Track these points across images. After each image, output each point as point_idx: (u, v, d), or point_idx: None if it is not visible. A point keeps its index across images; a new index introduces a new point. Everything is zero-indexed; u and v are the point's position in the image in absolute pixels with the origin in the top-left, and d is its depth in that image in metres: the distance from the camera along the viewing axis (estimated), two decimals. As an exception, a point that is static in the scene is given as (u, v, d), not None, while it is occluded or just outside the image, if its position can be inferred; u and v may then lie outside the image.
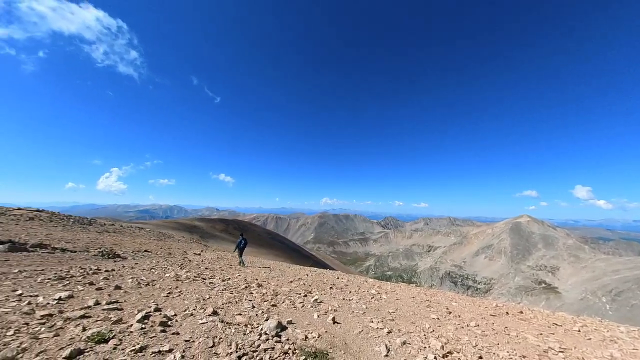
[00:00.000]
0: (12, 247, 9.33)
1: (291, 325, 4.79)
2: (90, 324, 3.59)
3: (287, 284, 9.32)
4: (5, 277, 5.73)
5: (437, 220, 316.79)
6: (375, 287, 10.96)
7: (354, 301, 7.54)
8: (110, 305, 4.49)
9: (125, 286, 6.03)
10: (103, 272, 7.35)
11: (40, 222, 18.76)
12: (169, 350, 3.12)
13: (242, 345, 3.54)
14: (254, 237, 67.31)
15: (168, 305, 4.97)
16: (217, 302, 5.64)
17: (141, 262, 10.39)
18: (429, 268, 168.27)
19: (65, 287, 5.38)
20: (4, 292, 4.61)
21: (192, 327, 3.96)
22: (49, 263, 8.07)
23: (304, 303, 6.56)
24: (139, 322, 3.77)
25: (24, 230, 14.56)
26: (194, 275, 8.52)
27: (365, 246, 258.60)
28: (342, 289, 9.58)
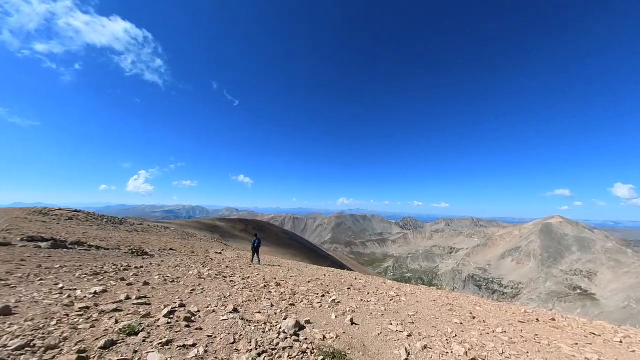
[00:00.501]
0: (54, 244, 10.18)
1: (309, 324, 4.82)
2: (121, 317, 3.83)
3: (304, 283, 9.39)
4: (49, 271, 6.27)
5: (458, 220, 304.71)
6: (394, 288, 10.74)
7: (372, 302, 7.44)
8: (139, 299, 4.77)
9: (152, 282, 6.37)
10: (133, 269, 7.82)
11: (77, 222, 20.32)
12: (193, 345, 3.26)
13: (262, 343, 3.61)
14: (271, 236, 68.49)
15: (191, 302, 5.18)
16: (237, 299, 5.81)
17: (166, 260, 10.93)
18: (450, 270, 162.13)
19: (100, 282, 5.78)
20: (48, 285, 5.05)
21: (214, 323, 4.10)
22: (85, 259, 8.72)
23: (321, 303, 6.57)
24: (165, 316, 3.98)
25: (63, 228, 15.85)
26: (215, 273, 8.83)
27: (383, 247, 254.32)
28: (359, 289, 9.49)
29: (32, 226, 14.28)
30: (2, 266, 6.30)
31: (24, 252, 8.40)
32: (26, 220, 15.94)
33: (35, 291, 4.57)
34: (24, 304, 3.91)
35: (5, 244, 9.07)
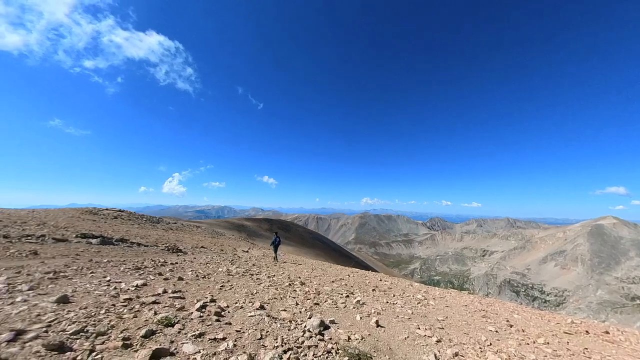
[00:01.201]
0: (103, 240, 11.28)
1: (334, 324, 4.82)
2: (160, 309, 4.13)
3: (329, 283, 9.40)
4: (98, 265, 6.96)
5: (492, 221, 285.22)
6: (422, 291, 10.34)
7: (399, 305, 7.23)
8: (175, 294, 5.11)
9: (186, 278, 6.79)
10: (169, 265, 8.40)
11: (121, 221, 22.31)
12: (223, 339, 3.42)
13: (287, 340, 3.68)
14: (296, 236, 69.54)
15: (221, 297, 5.44)
16: (263, 297, 5.98)
17: (198, 257, 11.58)
18: (484, 274, 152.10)
19: (141, 276, 6.29)
20: (98, 278, 5.60)
21: (243, 319, 4.26)
22: (128, 255, 9.54)
23: (346, 304, 6.53)
24: (198, 310, 4.22)
25: (110, 227, 17.50)
26: (243, 271, 9.17)
27: (409, 248, 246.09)
28: (385, 291, 9.28)
29: (84, 224, 15.96)
30: (61, 260, 7.12)
31: (78, 247, 9.41)
32: (80, 219, 17.85)
33: (87, 283, 5.10)
34: (79, 294, 4.38)
35: (63, 240, 10.24)
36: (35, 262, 6.60)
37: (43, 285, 4.67)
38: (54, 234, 10.86)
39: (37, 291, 4.30)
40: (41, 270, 5.64)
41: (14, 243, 8.57)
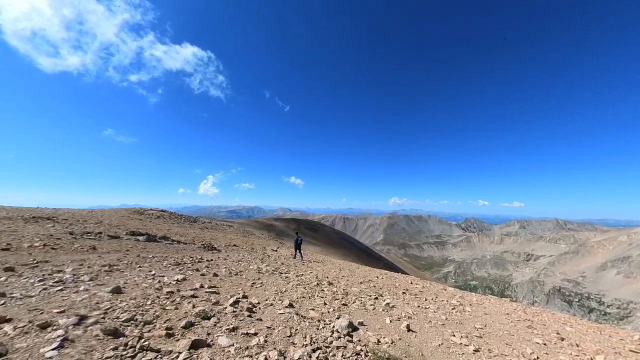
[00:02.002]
0: (148, 238, 12.38)
1: (362, 326, 4.75)
2: (197, 302, 4.43)
3: (357, 284, 9.29)
4: (145, 260, 7.66)
5: (538, 222, 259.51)
6: (457, 297, 9.76)
7: (431, 310, 6.90)
8: (210, 289, 5.44)
9: (220, 274, 7.18)
10: (205, 261, 8.96)
11: (163, 220, 24.31)
12: (255, 334, 3.55)
13: (316, 340, 3.71)
14: (323, 236, 69.85)
15: (253, 294, 5.66)
16: (292, 295, 6.10)
17: (231, 255, 12.19)
18: (528, 281, 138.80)
19: (181, 271, 6.80)
20: (144, 272, 6.17)
21: (273, 316, 4.40)
22: (170, 251, 10.37)
23: (375, 306, 6.41)
24: (231, 305, 4.44)
25: (154, 225, 19.16)
26: (272, 269, 9.45)
27: (442, 250, 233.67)
28: (416, 295, 8.92)
29: (133, 223, 17.68)
30: (115, 255, 7.98)
31: (128, 244, 10.46)
32: (129, 219, 19.82)
33: (136, 276, 5.64)
34: (129, 285, 4.86)
35: (116, 237, 11.46)
36: (94, 256, 7.48)
37: (100, 276, 5.27)
38: (109, 232, 12.19)
39: (96, 282, 4.86)
40: (99, 263, 6.37)
41: (77, 239, 9.79)
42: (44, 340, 2.58)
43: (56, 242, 8.58)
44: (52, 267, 5.59)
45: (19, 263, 5.57)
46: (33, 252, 7.01)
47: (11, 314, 3.10)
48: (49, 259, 6.32)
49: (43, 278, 4.69)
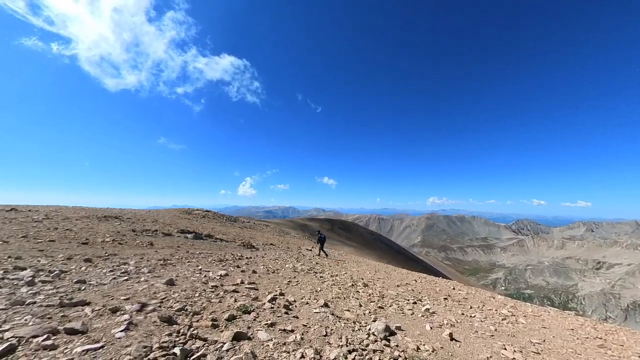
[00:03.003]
0: (195, 236, 13.53)
1: (400, 331, 4.57)
2: (238, 297, 4.71)
3: (393, 287, 8.98)
4: (192, 256, 8.38)
5: (610, 225, 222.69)
6: (508, 306, 8.84)
7: (477, 319, 6.36)
8: (250, 285, 5.74)
9: (259, 271, 7.54)
10: (245, 259, 9.49)
11: (208, 219, 26.36)
12: (292, 331, 3.65)
13: (352, 341, 3.68)
14: (357, 236, 68.97)
15: (289, 292, 5.83)
16: (327, 295, 6.13)
17: (268, 253, 12.72)
18: (599, 293, 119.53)
19: (223, 267, 7.30)
20: (192, 266, 6.76)
21: (308, 315, 4.47)
22: (214, 249, 11.19)
23: (413, 311, 6.12)
24: (269, 302, 4.64)
25: (200, 224, 20.88)
26: (307, 268, 9.62)
27: (489, 254, 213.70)
28: (459, 302, 8.30)
29: (182, 222, 19.51)
30: (168, 250, 8.88)
31: (179, 241, 11.56)
32: (179, 218, 21.91)
33: (186, 270, 6.21)
34: (180, 278, 5.37)
35: (169, 235, 12.75)
36: (151, 251, 8.42)
37: (157, 269, 5.92)
38: (163, 230, 13.63)
39: (154, 274, 5.46)
40: (155, 257, 7.16)
41: (138, 235, 11.12)
42: (114, 323, 2.98)
43: (122, 238, 9.87)
44: (119, 259, 6.44)
45: (94, 255, 6.53)
46: (105, 246, 8.16)
47: (89, 298, 3.65)
48: (117, 253, 7.29)
49: (112, 269, 5.43)
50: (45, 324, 2.74)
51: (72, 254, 6.40)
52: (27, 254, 5.88)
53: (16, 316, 2.86)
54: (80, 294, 3.81)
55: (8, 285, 3.80)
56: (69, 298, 3.52)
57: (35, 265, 5.02)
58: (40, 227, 9.48)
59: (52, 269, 4.83)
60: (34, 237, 7.93)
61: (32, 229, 8.87)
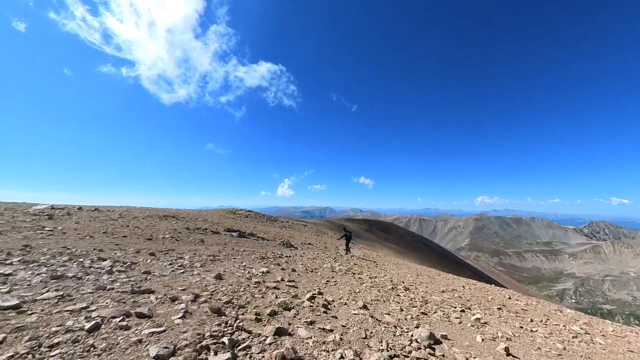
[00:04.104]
0: (239, 234, 14.47)
1: (446, 340, 4.26)
2: (279, 294, 4.90)
3: (438, 293, 8.43)
4: (237, 253, 8.98)
5: None
6: (581, 322, 7.60)
7: (540, 335, 5.60)
8: (290, 283, 5.93)
9: (297, 270, 7.75)
10: (284, 257, 9.84)
11: (250, 219, 27.98)
12: (331, 330, 3.67)
13: (393, 346, 3.55)
14: (396, 238, 66.39)
15: (327, 292, 5.87)
16: (366, 297, 6.02)
17: (307, 253, 12.98)
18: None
19: (265, 265, 7.67)
20: (237, 263, 7.24)
21: (347, 315, 4.45)
22: (256, 247, 11.84)
23: (461, 319, 5.65)
24: (308, 300, 4.73)
25: (243, 224, 22.27)
26: (345, 269, 9.57)
27: (554, 261, 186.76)
28: (517, 313, 7.42)
29: (228, 221, 21.06)
30: (216, 247, 9.67)
31: (225, 239, 12.50)
32: (225, 217, 23.70)
33: (231, 266, 6.69)
34: (227, 273, 5.80)
35: (217, 233, 13.88)
36: (202, 247, 9.27)
37: (207, 264, 6.49)
38: (212, 228, 14.89)
39: (205, 268, 6.00)
40: (206, 253, 7.85)
41: (191, 233, 12.34)
42: (173, 310, 3.35)
43: (178, 235, 11.05)
44: (176, 254, 7.23)
45: (157, 250, 7.43)
46: (165, 242, 9.22)
47: (153, 287, 4.17)
48: (174, 248, 8.18)
49: (171, 262, 6.12)
50: (121, 307, 3.21)
51: (140, 248, 7.38)
52: (106, 247, 6.96)
53: (100, 299, 3.41)
54: (147, 283, 4.37)
55: (93, 273, 4.54)
56: (138, 286, 4.06)
57: (112, 257, 5.92)
58: (116, 224, 11.12)
59: (125, 261, 5.63)
60: (111, 233, 9.34)
61: (110, 226, 10.46)
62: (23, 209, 10.97)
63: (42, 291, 3.41)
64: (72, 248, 6.18)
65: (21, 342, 2.27)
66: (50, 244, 6.35)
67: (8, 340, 2.28)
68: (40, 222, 9.02)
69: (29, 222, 8.77)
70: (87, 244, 6.99)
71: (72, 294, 3.45)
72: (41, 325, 2.56)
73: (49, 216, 10.21)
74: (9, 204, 12.14)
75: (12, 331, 2.42)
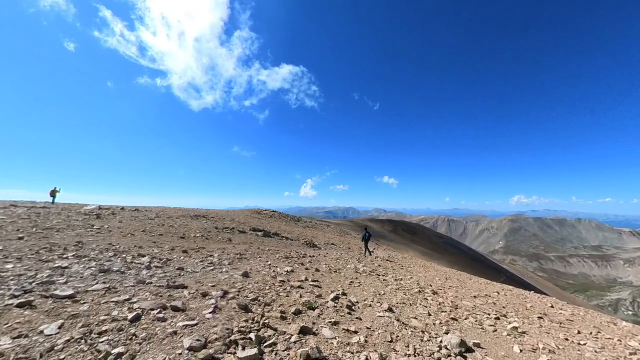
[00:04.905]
0: (264, 234, 14.87)
1: (479, 349, 4.01)
2: (303, 293, 4.96)
3: (469, 298, 7.97)
4: (263, 252, 9.24)
5: None
6: (639, 337, 6.73)
7: (589, 349, 5.05)
8: (313, 282, 5.98)
9: (321, 270, 7.78)
10: (308, 257, 9.93)
11: (274, 219, 28.65)
12: (355, 332, 3.64)
13: (421, 352, 3.42)
14: (423, 239, 63.93)
15: (351, 292, 5.82)
16: (391, 299, 5.88)
17: (330, 253, 12.99)
18: None
19: (289, 264, 7.80)
20: (263, 261, 7.45)
21: (372, 317, 4.37)
22: (280, 246, 12.09)
23: (496, 327, 5.29)
24: (332, 300, 4.73)
25: (268, 223, 22.87)
26: (370, 270, 9.42)
27: (605, 268, 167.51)
28: (561, 323, 6.76)
29: (253, 221, 21.76)
30: (243, 246, 10.03)
31: (251, 238, 12.93)
32: (251, 217, 24.52)
33: (257, 264, 6.90)
34: (253, 272, 6.00)
35: (243, 232, 14.40)
36: (230, 246, 9.67)
37: (235, 262, 6.75)
38: (238, 228, 15.48)
39: (232, 266, 6.26)
40: (233, 252, 8.19)
41: (220, 232, 12.93)
42: (204, 305, 3.54)
43: (208, 234, 11.64)
44: (206, 252, 7.62)
45: (189, 248, 7.90)
46: (196, 240, 9.77)
47: (186, 282, 4.43)
48: (205, 246, 8.64)
49: (202, 259, 6.46)
50: (158, 300, 3.46)
51: (174, 245, 7.90)
52: (145, 244, 7.54)
53: (140, 292, 3.70)
54: (180, 279, 4.66)
55: (134, 267, 4.95)
56: (173, 281, 4.35)
57: (151, 253, 6.40)
58: (153, 223, 12.01)
59: (162, 257, 6.06)
60: (149, 231, 10.10)
61: (148, 225, 11.32)
62: (76, 209, 12.29)
63: (92, 283, 3.80)
64: (116, 245, 6.79)
65: (75, 328, 2.55)
66: (98, 241, 7.04)
67: (65, 326, 2.57)
68: (89, 221, 10.04)
69: (81, 221, 9.81)
70: (129, 241, 7.64)
71: (117, 287, 3.79)
72: (92, 314, 2.85)
73: (97, 215, 11.33)
74: (65, 205, 13.69)
75: (68, 318, 2.73)
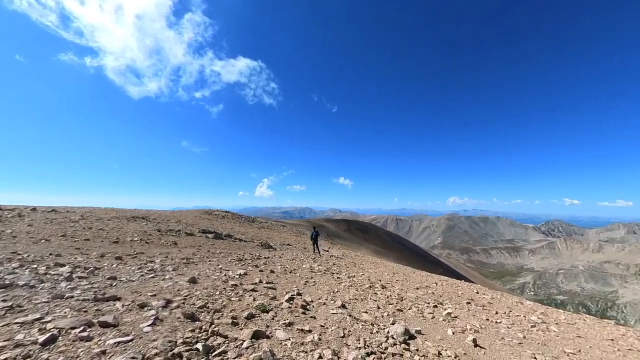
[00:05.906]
0: (216, 236, 13.97)
1: (420, 335, 4.44)
2: (257, 296, 4.80)
3: (412, 290, 8.76)
4: (213, 255, 8.66)
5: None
6: (538, 313, 8.30)
7: (504, 325, 6.03)
8: (268, 284, 5.84)
9: (276, 271, 7.65)
10: (262, 258, 9.66)
11: (227, 220, 27.12)
12: (309, 331, 3.67)
13: (370, 344, 3.62)
14: (374, 238, 67.99)
15: (306, 292, 5.86)
16: (344, 296, 6.10)
17: (286, 253, 12.86)
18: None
19: (242, 267, 7.47)
20: (213, 265, 6.98)
21: (326, 315, 4.47)
22: (233, 248, 11.50)
23: (434, 314, 5.93)
24: (287, 301, 4.68)
25: (220, 225, 21.53)
26: (324, 269, 9.62)
27: (516, 257, 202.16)
28: (484, 306, 7.93)
29: (203, 222, 20.24)
30: (190, 249, 9.24)
31: (200, 241, 12.00)
32: (200, 218, 22.75)
33: (207, 269, 6.44)
34: (202, 277, 5.57)
35: (191, 235, 13.27)
36: (175, 250, 8.81)
37: (180, 267, 6.18)
38: (185, 230, 14.21)
39: (177, 272, 5.71)
40: (179, 256, 7.48)
41: (163, 235, 11.68)
42: (142, 317, 3.15)
43: (148, 238, 10.41)
44: (146, 257, 6.80)
45: (124, 253, 6.94)
46: (133, 245, 8.64)
47: (120, 293, 3.88)
48: (144, 251, 7.70)
49: (140, 266, 5.74)
50: (81, 316, 2.95)
51: (105, 252, 6.85)
52: (65, 251, 6.37)
53: (57, 308, 3.11)
54: (112, 290, 4.06)
55: (50, 280, 4.13)
56: (102, 293, 3.77)
57: (72, 262, 5.43)
58: (77, 226, 10.23)
59: (87, 266, 5.19)
60: (71, 236, 8.57)
61: (69, 229, 9.59)
62: (-37, 210, 9.70)
63: (-15, 302, 3.04)
64: (23, 253, 5.58)
65: (-41, 360, 2.00)
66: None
67: (-58, 360, 2.00)
68: (-16, 225, 8.04)
69: (-29, 225, 7.79)
70: (42, 249, 6.35)
71: (23, 304, 3.12)
72: (-16, 341, 2.28)
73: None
74: (-56, 205, 10.67)
75: (-53, 349, 2.13)
